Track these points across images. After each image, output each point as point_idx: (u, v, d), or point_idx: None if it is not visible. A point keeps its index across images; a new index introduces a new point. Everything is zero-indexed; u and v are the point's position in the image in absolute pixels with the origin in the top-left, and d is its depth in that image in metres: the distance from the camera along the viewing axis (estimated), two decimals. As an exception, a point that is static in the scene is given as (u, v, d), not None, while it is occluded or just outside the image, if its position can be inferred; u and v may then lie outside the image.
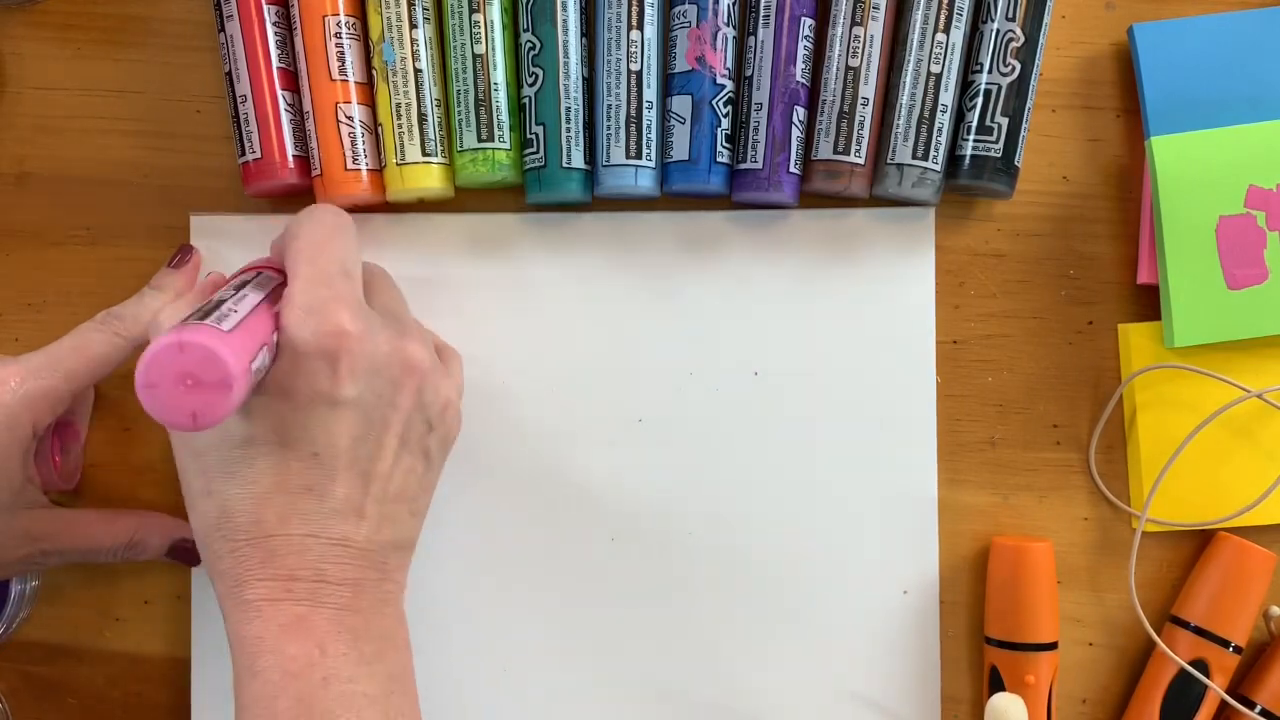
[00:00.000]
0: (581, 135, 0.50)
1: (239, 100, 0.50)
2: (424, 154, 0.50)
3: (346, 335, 0.39)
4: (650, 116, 0.49)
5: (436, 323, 0.52)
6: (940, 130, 0.49)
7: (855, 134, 0.49)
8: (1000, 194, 0.51)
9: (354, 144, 0.50)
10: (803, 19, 0.49)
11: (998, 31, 0.49)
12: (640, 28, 0.49)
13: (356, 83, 0.50)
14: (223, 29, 0.50)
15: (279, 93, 0.50)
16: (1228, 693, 0.50)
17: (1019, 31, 0.49)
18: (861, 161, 0.49)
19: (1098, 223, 0.53)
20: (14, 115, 0.54)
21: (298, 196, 0.52)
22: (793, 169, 0.49)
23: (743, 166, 0.50)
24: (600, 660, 0.52)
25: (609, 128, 0.49)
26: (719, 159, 0.49)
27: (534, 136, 0.50)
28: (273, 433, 0.39)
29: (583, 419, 0.52)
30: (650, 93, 0.49)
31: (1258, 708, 0.50)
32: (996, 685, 0.50)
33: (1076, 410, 0.53)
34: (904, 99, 0.49)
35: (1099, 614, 0.52)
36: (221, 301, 0.39)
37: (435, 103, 0.50)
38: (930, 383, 0.52)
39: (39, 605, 0.53)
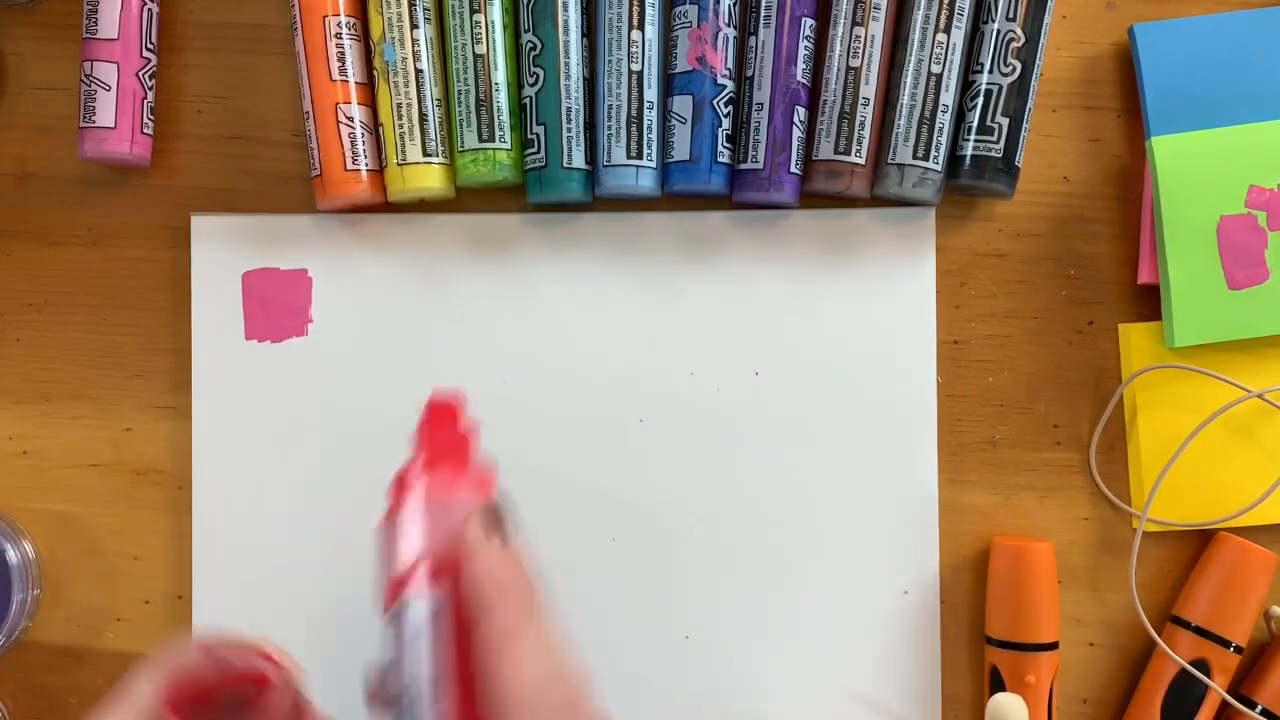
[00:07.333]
0: (582, 135, 0.50)
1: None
2: (425, 154, 0.50)
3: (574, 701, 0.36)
4: (651, 116, 0.49)
5: (437, 323, 0.52)
6: (941, 130, 0.49)
7: (856, 134, 0.49)
8: (1001, 194, 0.51)
9: (354, 144, 0.50)
10: (803, 19, 0.49)
11: (998, 31, 0.49)
12: (641, 28, 0.49)
13: (357, 83, 0.50)
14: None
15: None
16: (1229, 693, 0.50)
17: (1019, 31, 0.49)
18: (862, 162, 0.49)
19: (1098, 223, 0.53)
20: (14, 115, 0.53)
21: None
22: (793, 169, 0.49)
23: (743, 166, 0.50)
24: (600, 660, 0.52)
25: (610, 128, 0.49)
26: (720, 159, 0.49)
27: (535, 137, 0.50)
28: None
29: (583, 419, 0.52)
30: (651, 93, 0.49)
31: (1259, 708, 0.50)
32: (997, 685, 0.50)
33: (1077, 410, 0.53)
34: (905, 99, 0.49)
35: (1100, 614, 0.52)
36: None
37: (436, 103, 0.50)
38: (930, 383, 0.52)
39: (40, 605, 0.53)
